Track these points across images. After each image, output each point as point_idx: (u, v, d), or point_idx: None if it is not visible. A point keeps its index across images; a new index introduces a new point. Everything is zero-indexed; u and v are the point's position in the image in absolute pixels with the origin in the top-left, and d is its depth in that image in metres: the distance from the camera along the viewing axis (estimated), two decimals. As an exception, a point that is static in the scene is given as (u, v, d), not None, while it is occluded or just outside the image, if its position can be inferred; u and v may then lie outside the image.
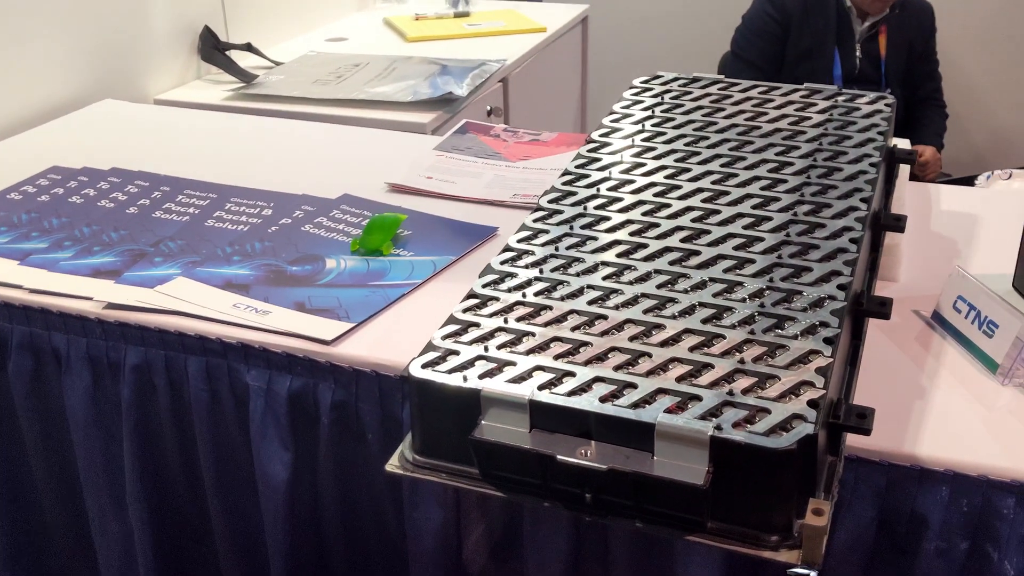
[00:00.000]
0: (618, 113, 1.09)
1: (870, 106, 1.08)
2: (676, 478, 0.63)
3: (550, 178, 1.21)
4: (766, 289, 0.78)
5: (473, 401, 0.69)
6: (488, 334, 0.75)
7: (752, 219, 0.88)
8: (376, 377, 0.95)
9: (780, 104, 1.09)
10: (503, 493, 0.71)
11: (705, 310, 0.76)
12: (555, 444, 0.67)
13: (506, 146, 1.46)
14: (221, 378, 1.01)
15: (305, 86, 1.84)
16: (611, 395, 0.68)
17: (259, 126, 1.61)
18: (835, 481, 0.69)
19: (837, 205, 0.89)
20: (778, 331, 0.74)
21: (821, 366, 0.69)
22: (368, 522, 1.03)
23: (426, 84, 1.81)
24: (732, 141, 1.01)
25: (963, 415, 0.85)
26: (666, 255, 0.84)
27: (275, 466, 1.00)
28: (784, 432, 0.63)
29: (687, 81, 1.16)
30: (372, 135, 1.58)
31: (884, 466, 0.81)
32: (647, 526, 0.67)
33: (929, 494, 0.80)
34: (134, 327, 1.03)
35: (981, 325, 0.92)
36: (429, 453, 0.73)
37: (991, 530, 0.79)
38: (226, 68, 1.93)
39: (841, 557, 0.84)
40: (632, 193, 0.93)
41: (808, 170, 0.95)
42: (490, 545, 0.99)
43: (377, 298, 1.05)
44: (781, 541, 0.64)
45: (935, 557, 0.81)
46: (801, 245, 0.84)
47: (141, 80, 1.84)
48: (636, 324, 0.75)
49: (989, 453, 0.80)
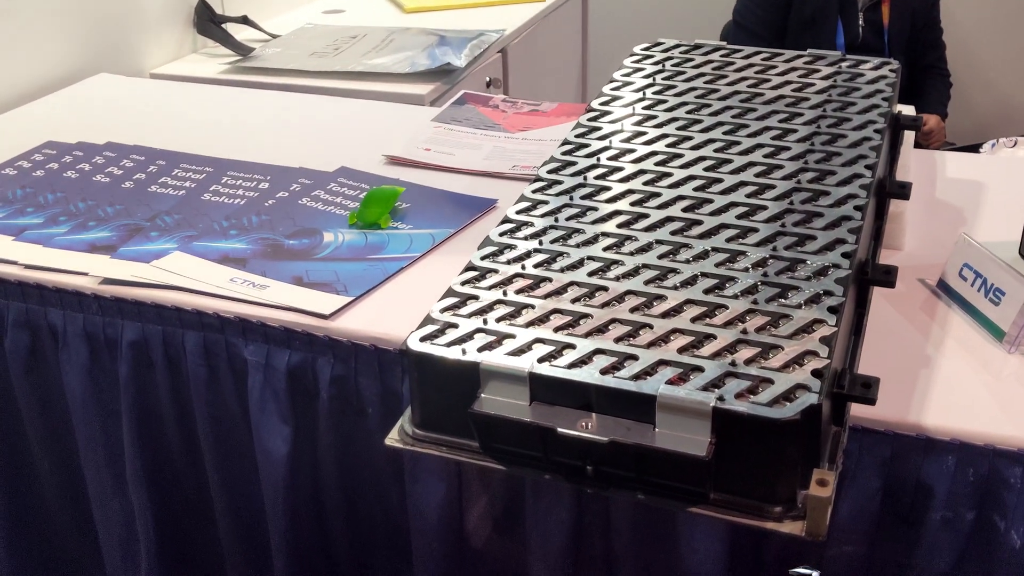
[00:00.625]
0: (618, 81, 1.08)
1: (874, 72, 1.06)
2: (678, 450, 0.63)
3: (550, 149, 1.20)
4: (769, 258, 0.77)
5: (472, 374, 0.68)
6: (487, 307, 0.74)
7: (755, 187, 0.86)
8: (375, 351, 0.94)
9: (783, 71, 1.07)
10: (503, 466, 0.70)
11: (707, 280, 0.75)
12: (556, 417, 0.66)
13: (505, 117, 1.44)
14: (219, 353, 1.01)
15: (302, 59, 1.82)
16: (612, 367, 0.67)
17: (256, 99, 1.59)
18: (839, 451, 0.69)
19: (841, 172, 0.87)
20: (781, 300, 0.73)
21: (825, 335, 0.68)
22: (369, 496, 1.03)
23: (424, 55, 1.79)
24: (735, 108, 0.99)
25: (969, 384, 0.84)
26: (668, 225, 0.82)
27: (275, 441, 1.00)
28: (788, 402, 0.63)
29: (689, 48, 1.14)
30: (369, 107, 1.56)
31: (889, 436, 0.80)
32: (649, 498, 0.66)
33: (935, 464, 0.80)
34: (130, 303, 1.02)
35: (987, 293, 0.91)
36: (429, 427, 0.73)
37: (998, 500, 0.79)
38: (222, 41, 1.90)
39: (846, 528, 0.83)
40: (633, 162, 0.92)
41: (812, 137, 0.93)
42: (492, 518, 0.99)
43: (375, 271, 1.04)
44: (785, 512, 0.64)
45: (941, 527, 0.81)
46: (805, 213, 0.82)
47: (136, 54, 1.82)
48: (637, 295, 0.74)
49: (996, 422, 0.79)
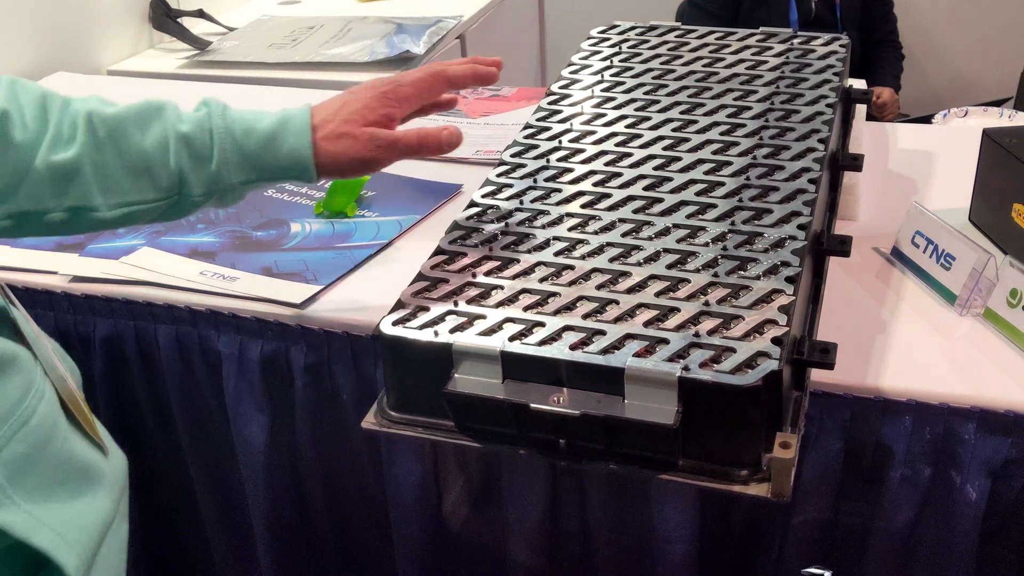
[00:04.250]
0: (577, 64, 1.10)
1: (825, 48, 1.09)
2: (647, 419, 0.65)
3: (512, 133, 1.21)
4: (728, 232, 0.80)
5: (445, 355, 0.70)
6: (457, 289, 0.76)
7: (713, 164, 0.89)
8: (348, 338, 0.96)
9: (737, 49, 1.10)
10: (479, 444, 0.72)
11: (669, 255, 0.78)
12: (528, 393, 0.68)
13: (466, 103, 1.46)
14: (192, 346, 1.02)
15: (260, 51, 1.82)
16: (581, 343, 0.69)
17: (215, 93, 1.57)
18: (801, 415, 0.71)
19: (795, 147, 0.90)
20: (741, 272, 0.75)
21: (783, 304, 0.71)
22: (348, 480, 1.04)
23: (383, 44, 1.80)
24: (690, 88, 1.02)
25: (923, 346, 0.87)
26: (629, 204, 0.85)
27: (252, 430, 1.01)
28: (750, 369, 0.65)
29: (644, 30, 1.16)
30: (330, 97, 1.56)
31: (848, 399, 0.83)
32: (621, 467, 0.68)
33: (893, 424, 0.83)
34: (101, 299, 1.03)
35: (939, 259, 0.94)
36: (404, 409, 0.74)
37: (953, 456, 0.82)
38: (179, 36, 1.90)
39: (810, 488, 0.86)
40: (594, 144, 0.94)
41: (766, 113, 0.96)
42: (469, 497, 1.01)
43: (344, 259, 1.05)
44: (751, 475, 0.66)
45: (900, 484, 0.84)
46: (761, 188, 0.85)
47: (93, 51, 1.81)
48: (603, 273, 0.76)
49: (949, 382, 0.83)
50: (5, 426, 0.55)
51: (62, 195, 0.76)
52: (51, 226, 0.78)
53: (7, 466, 0.55)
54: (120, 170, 0.77)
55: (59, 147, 0.76)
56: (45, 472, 0.58)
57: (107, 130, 0.77)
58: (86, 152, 0.76)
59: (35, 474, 0.57)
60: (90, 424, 0.64)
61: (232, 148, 0.79)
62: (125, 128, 0.78)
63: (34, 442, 0.57)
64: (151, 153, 0.78)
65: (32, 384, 0.58)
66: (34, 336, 0.62)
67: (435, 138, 0.80)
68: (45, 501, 0.57)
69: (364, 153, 0.79)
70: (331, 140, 0.79)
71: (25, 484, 0.56)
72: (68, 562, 0.57)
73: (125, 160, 0.77)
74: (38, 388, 0.58)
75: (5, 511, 0.55)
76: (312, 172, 0.79)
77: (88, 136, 0.77)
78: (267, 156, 0.79)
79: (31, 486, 0.57)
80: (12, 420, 0.56)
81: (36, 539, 0.56)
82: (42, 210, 0.76)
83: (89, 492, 0.61)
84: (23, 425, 0.56)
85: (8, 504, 0.55)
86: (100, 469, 0.63)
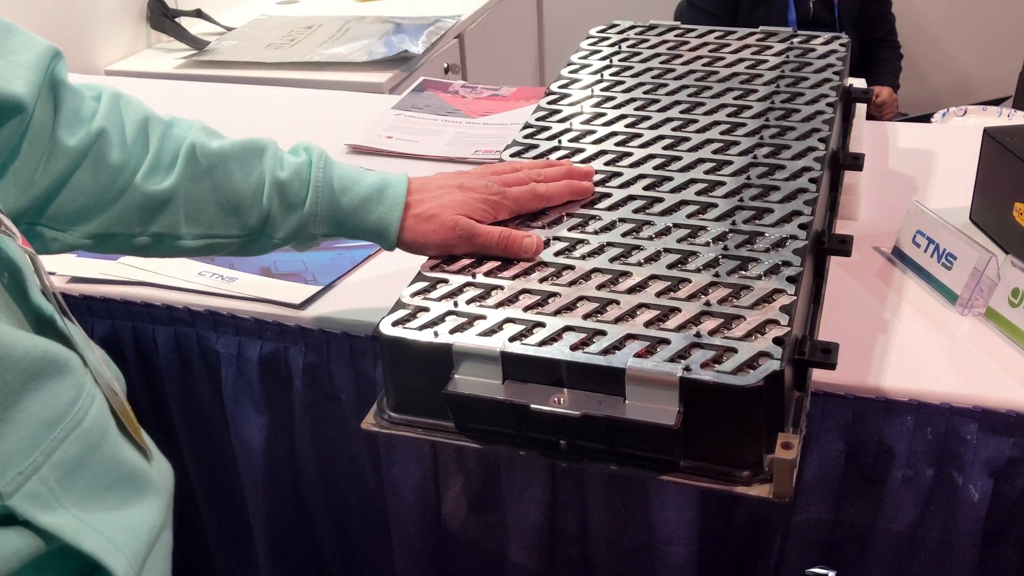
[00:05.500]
0: (576, 64, 1.09)
1: (825, 47, 1.08)
2: (648, 420, 0.64)
3: (511, 132, 1.21)
4: (729, 232, 0.79)
5: (445, 356, 0.70)
6: (457, 289, 0.76)
7: (713, 164, 0.88)
8: (347, 338, 0.95)
9: (736, 48, 1.09)
10: (479, 445, 0.72)
11: (670, 255, 0.77)
12: (528, 394, 0.68)
13: (465, 102, 1.45)
14: (191, 347, 1.01)
15: (258, 51, 1.81)
16: (581, 343, 0.69)
17: (213, 93, 1.59)
18: (803, 416, 0.71)
19: (796, 146, 0.90)
20: (742, 272, 0.75)
21: (785, 304, 0.71)
22: (347, 482, 1.04)
23: (381, 43, 1.80)
24: (690, 87, 1.01)
25: (925, 346, 0.87)
26: (630, 203, 0.84)
27: (251, 431, 1.00)
28: (751, 370, 0.65)
29: (643, 29, 1.16)
30: (329, 97, 1.56)
31: (850, 399, 0.83)
32: (622, 468, 0.68)
33: (894, 424, 0.82)
34: (99, 300, 1.02)
35: (940, 258, 0.94)
36: (404, 410, 0.74)
37: (955, 456, 0.82)
38: (177, 35, 1.89)
39: (811, 489, 0.86)
40: (593, 143, 0.93)
41: (766, 113, 0.95)
42: (468, 499, 1.00)
43: (343, 260, 1.04)
44: (752, 476, 0.66)
45: (902, 485, 0.84)
46: (762, 187, 0.84)
47: (90, 51, 1.81)
48: (603, 273, 0.76)
49: (951, 381, 0.82)
50: (59, 427, 0.55)
51: (150, 222, 0.77)
52: (134, 248, 0.79)
53: (59, 468, 0.55)
54: (212, 204, 0.78)
55: (157, 175, 0.77)
56: (95, 476, 0.57)
57: (208, 165, 0.78)
58: (182, 183, 0.77)
59: (85, 478, 0.57)
60: (137, 431, 0.64)
61: (325, 203, 0.79)
62: (227, 165, 0.78)
63: (85, 445, 0.57)
64: (246, 193, 0.78)
65: (83, 388, 0.58)
66: (81, 342, 0.61)
67: (518, 243, 0.79)
68: (95, 506, 0.57)
69: (446, 239, 0.79)
70: (420, 220, 0.80)
71: (75, 488, 0.56)
72: (118, 567, 0.56)
73: (219, 196, 0.78)
74: (89, 392, 0.58)
75: (55, 515, 0.54)
76: (390, 243, 0.81)
77: (188, 168, 0.77)
78: (355, 218, 0.80)
79: (81, 490, 0.56)
80: (66, 422, 0.55)
81: (85, 543, 0.55)
82: (128, 233, 0.77)
83: (137, 498, 0.61)
84: (76, 427, 0.56)
85: (57, 508, 0.55)
86: (148, 476, 0.63)
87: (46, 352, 0.55)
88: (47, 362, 0.55)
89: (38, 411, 0.54)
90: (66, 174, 0.73)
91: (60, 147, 0.72)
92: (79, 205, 0.75)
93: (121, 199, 0.76)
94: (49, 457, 0.54)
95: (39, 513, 0.53)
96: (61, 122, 0.73)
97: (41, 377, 0.54)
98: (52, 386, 0.55)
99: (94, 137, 0.74)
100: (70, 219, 0.75)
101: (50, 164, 0.72)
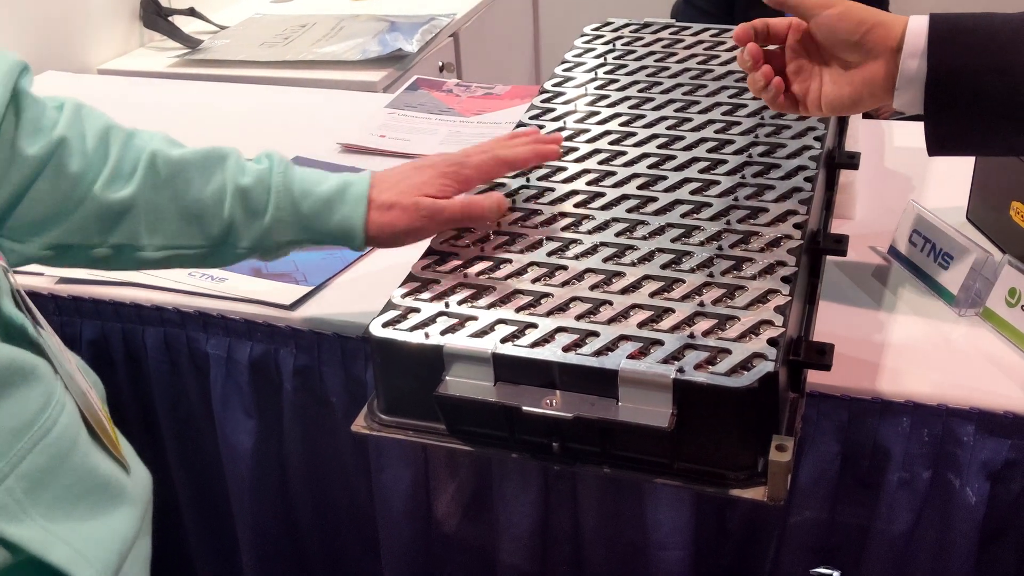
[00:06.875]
0: (570, 62, 1.08)
1: (821, 45, 1.07)
2: (641, 422, 0.64)
3: (505, 131, 1.20)
4: (723, 232, 0.79)
5: (436, 358, 0.69)
6: (448, 290, 0.75)
7: (708, 163, 0.88)
8: (338, 340, 0.94)
9: (731, 47, 1.09)
10: (471, 447, 0.71)
11: (664, 255, 0.77)
12: (520, 396, 0.67)
13: (459, 101, 1.44)
14: (180, 348, 1.00)
15: (252, 49, 1.80)
16: (574, 344, 0.68)
17: (207, 92, 1.58)
18: (798, 417, 0.70)
19: (791, 145, 0.89)
20: (736, 272, 0.74)
21: (779, 305, 0.70)
22: (336, 487, 1.03)
23: (375, 42, 1.79)
24: (685, 86, 1.01)
25: (921, 347, 0.86)
26: (623, 203, 0.83)
27: (239, 435, 1.00)
28: (745, 371, 0.64)
29: (638, 27, 1.15)
30: (322, 95, 1.55)
31: (845, 400, 0.82)
32: (615, 471, 0.67)
33: (890, 426, 0.82)
34: (88, 301, 1.01)
35: (936, 258, 0.93)
36: (395, 412, 0.73)
37: (952, 458, 0.81)
38: (170, 34, 1.88)
39: (807, 491, 0.85)
40: (587, 142, 0.93)
41: (761, 110, 0.95)
42: (460, 503, 0.99)
43: (334, 260, 1.03)
44: (747, 478, 0.65)
45: (898, 488, 0.83)
46: (756, 186, 0.84)
47: (83, 50, 1.79)
48: (596, 273, 0.75)
49: (947, 383, 0.82)
50: (25, 437, 0.54)
51: (110, 231, 0.76)
52: (93, 260, 0.77)
53: (25, 479, 0.54)
54: (173, 213, 0.77)
55: (117, 183, 0.75)
56: (65, 487, 0.57)
57: (169, 173, 0.77)
58: (143, 192, 0.76)
59: (53, 488, 0.56)
60: (112, 440, 0.63)
61: (288, 208, 0.78)
62: (188, 173, 0.77)
63: (54, 455, 0.56)
64: (207, 201, 0.77)
65: (52, 396, 0.57)
66: (55, 349, 0.60)
67: (479, 206, 0.79)
68: (63, 516, 0.56)
69: (410, 223, 0.78)
70: (382, 211, 0.79)
71: (43, 498, 0.55)
72: None
73: (180, 204, 0.77)
74: (59, 400, 0.57)
75: (22, 526, 0.53)
76: (359, 241, 0.79)
77: (148, 176, 0.76)
78: (319, 220, 0.79)
79: (49, 500, 0.55)
80: (33, 431, 0.55)
81: (53, 555, 0.54)
82: (87, 244, 0.76)
83: (110, 508, 0.60)
84: (44, 436, 0.55)
85: (24, 519, 0.54)
86: (122, 485, 0.62)
87: (13, 360, 0.54)
88: (14, 370, 0.54)
89: (4, 420, 0.53)
90: (26, 183, 0.72)
91: (20, 156, 0.71)
92: (38, 215, 0.73)
93: (80, 208, 0.74)
94: (16, 467, 0.53)
95: (5, 524, 0.53)
96: (21, 132, 0.72)
97: (8, 385, 0.53)
98: (19, 394, 0.54)
99: (55, 146, 0.73)
100: (28, 229, 0.74)
101: (10, 174, 0.71)
